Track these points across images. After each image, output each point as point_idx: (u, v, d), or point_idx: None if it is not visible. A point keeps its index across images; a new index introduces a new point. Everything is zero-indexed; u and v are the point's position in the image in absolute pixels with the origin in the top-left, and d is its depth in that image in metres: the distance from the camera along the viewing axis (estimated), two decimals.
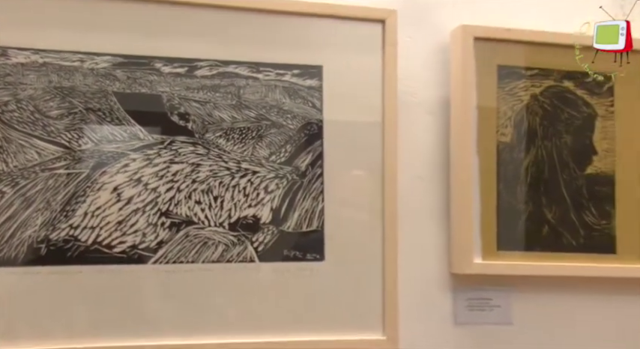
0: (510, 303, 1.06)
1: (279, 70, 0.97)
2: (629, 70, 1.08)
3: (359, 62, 1.00)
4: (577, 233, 1.07)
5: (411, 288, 1.02)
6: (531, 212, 1.06)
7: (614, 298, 1.09)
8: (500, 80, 1.06)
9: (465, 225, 1.02)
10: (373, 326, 0.98)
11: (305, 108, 0.97)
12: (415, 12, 1.06)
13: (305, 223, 0.96)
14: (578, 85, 1.08)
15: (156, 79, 0.91)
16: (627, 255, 1.07)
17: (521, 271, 1.04)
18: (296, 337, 0.94)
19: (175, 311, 0.90)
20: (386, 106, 1.01)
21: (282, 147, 0.96)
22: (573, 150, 1.08)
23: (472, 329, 1.04)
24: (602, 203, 1.08)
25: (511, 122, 1.06)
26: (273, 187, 0.95)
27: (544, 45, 1.07)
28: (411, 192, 1.03)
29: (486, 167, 1.05)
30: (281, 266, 0.95)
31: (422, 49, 1.06)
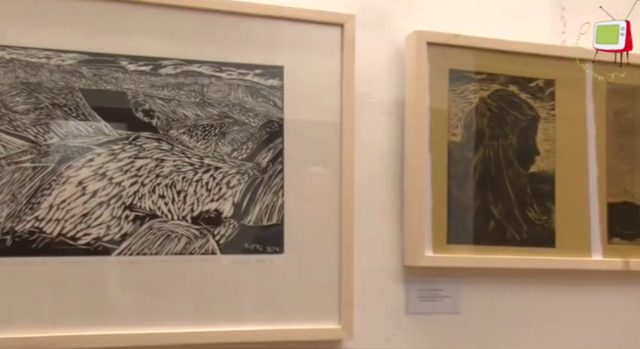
0: (459, 294, 1.11)
1: (242, 69, 0.99)
2: (569, 77, 1.16)
3: (319, 64, 1.04)
4: (520, 228, 1.12)
5: (366, 279, 1.06)
6: (479, 208, 1.10)
7: (554, 288, 1.16)
8: (451, 83, 1.10)
9: (417, 220, 1.06)
10: (329, 316, 1.01)
11: (266, 107, 1.00)
12: (373, 17, 1.10)
13: (265, 217, 0.99)
14: (522, 90, 1.14)
15: (121, 77, 0.93)
16: (566, 248, 1.14)
17: (469, 264, 1.09)
18: (255, 326, 0.97)
19: (138, 302, 0.92)
20: (344, 106, 1.04)
21: (243, 144, 0.99)
22: (518, 150, 1.13)
23: (423, 318, 1.09)
24: (543, 200, 1.14)
25: (461, 123, 1.11)
26: (235, 182, 0.98)
27: (492, 51, 1.12)
28: (367, 188, 1.07)
29: (438, 165, 1.09)
30: (242, 258, 0.98)
31: (378, 53, 1.10)
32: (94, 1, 0.92)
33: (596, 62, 1.14)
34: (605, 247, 1.16)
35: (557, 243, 1.14)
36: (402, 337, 1.07)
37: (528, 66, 1.14)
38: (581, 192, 1.16)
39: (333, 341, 1.02)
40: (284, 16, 1.01)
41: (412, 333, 1.08)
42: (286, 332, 0.98)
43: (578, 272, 1.16)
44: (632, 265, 1.15)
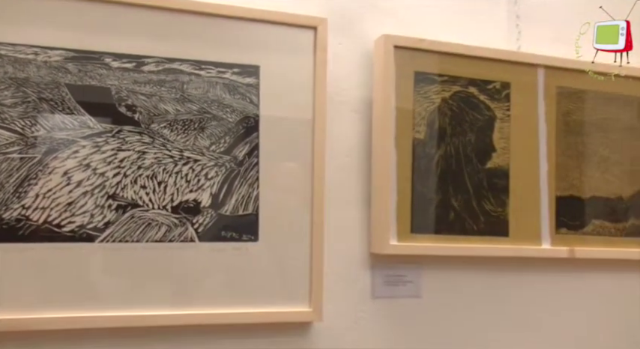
0: (421, 279, 1.15)
1: (220, 68, 1.02)
2: (523, 80, 1.20)
3: (293, 64, 1.07)
4: (477, 218, 1.16)
5: (335, 266, 1.09)
6: (440, 200, 1.14)
7: (507, 274, 1.21)
8: (416, 84, 1.13)
9: (383, 211, 1.10)
10: (300, 299, 1.05)
11: (243, 104, 1.04)
12: (344, 21, 1.13)
13: (241, 207, 1.02)
14: (481, 91, 1.18)
15: (105, 73, 0.95)
16: (518, 237, 1.18)
17: (430, 251, 1.13)
18: (231, 309, 1.00)
19: (120, 286, 0.95)
20: (316, 104, 1.07)
21: (221, 138, 1.02)
22: (476, 147, 1.17)
23: (387, 301, 1.13)
24: (498, 193, 1.17)
25: (425, 121, 1.14)
26: (213, 174, 1.01)
27: (454, 55, 1.16)
28: (337, 180, 1.10)
29: (403, 160, 1.12)
30: (219, 245, 1.01)
31: (349, 54, 1.13)
32: (81, 1, 0.94)
33: (548, 67, 1.22)
34: (553, 237, 1.21)
35: (510, 233, 1.18)
36: (368, 319, 1.11)
37: (486, 70, 1.18)
38: (533, 186, 1.21)
39: (304, 323, 1.06)
40: (261, 19, 1.04)
41: (378, 315, 1.12)
42: (260, 315, 1.01)
43: (529, 260, 1.21)
44: (577, 253, 1.21)
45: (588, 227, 1.23)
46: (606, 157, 1.25)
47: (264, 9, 1.05)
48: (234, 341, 1.01)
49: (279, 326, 1.04)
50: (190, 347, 0.99)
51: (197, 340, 0.99)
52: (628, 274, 1.29)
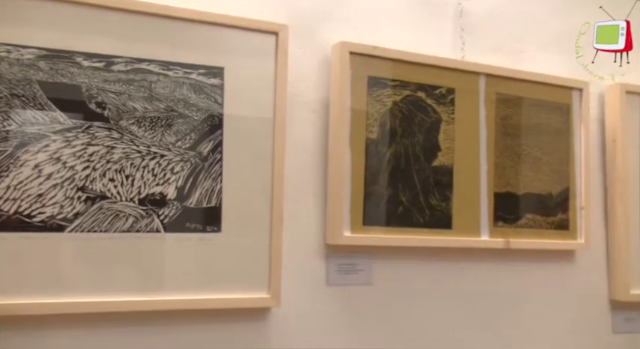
0: (372, 268, 1.19)
1: (187, 69, 1.05)
2: (466, 87, 1.27)
3: (256, 66, 1.10)
4: (424, 212, 1.21)
5: (293, 256, 1.12)
6: (390, 195, 1.18)
7: (450, 263, 1.27)
8: (369, 88, 1.18)
9: (338, 205, 1.14)
10: (260, 287, 1.08)
11: (208, 103, 1.07)
12: (304, 28, 1.17)
13: (205, 200, 1.05)
14: (428, 96, 1.23)
15: (76, 71, 0.97)
16: (460, 229, 1.24)
17: (381, 242, 1.17)
18: (195, 295, 1.03)
19: (90, 273, 0.97)
20: (277, 104, 1.10)
21: (187, 135, 1.05)
22: (423, 146, 1.22)
23: (341, 288, 1.17)
24: (443, 189, 1.23)
25: (377, 122, 1.18)
26: (179, 169, 1.04)
27: (404, 62, 1.21)
28: (295, 176, 1.14)
29: (357, 158, 1.16)
30: (184, 236, 1.03)
31: (309, 59, 1.17)
32: (54, 2, 0.95)
33: (488, 75, 1.30)
34: (491, 229, 1.28)
35: (453, 225, 1.24)
36: (323, 304, 1.16)
37: (434, 76, 1.23)
38: (474, 183, 1.27)
39: (263, 309, 1.09)
40: (226, 24, 1.07)
41: (332, 301, 1.16)
42: (222, 301, 1.05)
43: (469, 250, 1.27)
44: (512, 244, 1.29)
45: (522, 220, 1.31)
46: (538, 158, 1.34)
47: (229, 15, 1.08)
48: (198, 326, 1.05)
49: (240, 311, 1.08)
50: (157, 331, 1.02)
51: (163, 325, 1.02)
52: (556, 263, 1.38)
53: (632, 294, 1.42)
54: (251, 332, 1.10)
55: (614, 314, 1.43)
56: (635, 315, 1.45)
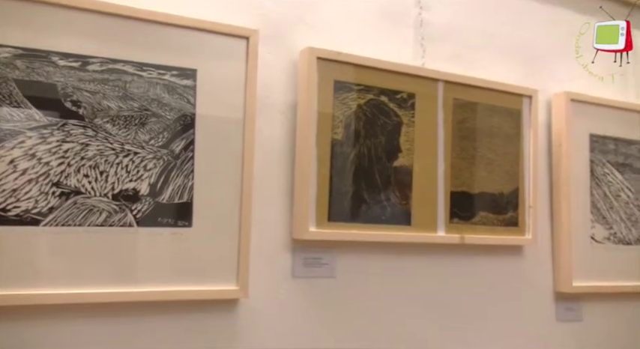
0: (335, 262, 1.23)
1: (161, 70, 1.07)
2: (426, 92, 1.31)
3: (227, 69, 1.12)
4: (385, 209, 1.25)
5: (261, 249, 1.15)
6: (354, 193, 1.22)
7: (409, 257, 1.31)
8: (335, 92, 1.21)
9: (304, 202, 1.17)
10: (229, 279, 1.10)
11: (181, 103, 1.09)
12: (274, 33, 1.20)
13: (177, 196, 1.07)
14: (390, 100, 1.27)
15: (52, 70, 0.98)
16: (418, 226, 1.29)
17: (344, 237, 1.21)
18: (166, 287, 1.05)
19: (64, 266, 0.98)
20: (247, 105, 1.13)
21: (160, 134, 1.07)
22: (385, 148, 1.26)
23: (306, 281, 1.20)
24: (403, 188, 1.27)
25: (342, 124, 1.22)
26: (152, 166, 1.06)
27: (368, 67, 1.24)
28: (264, 174, 1.16)
29: (322, 158, 1.19)
30: (156, 230, 1.05)
31: (278, 63, 1.20)
32: (31, 3, 0.96)
33: (446, 82, 1.35)
34: (447, 225, 1.32)
35: (412, 222, 1.28)
36: (289, 296, 1.19)
37: (396, 81, 1.27)
38: (431, 183, 1.31)
39: (232, 300, 1.12)
40: (199, 28, 1.10)
41: (297, 293, 1.19)
42: (193, 293, 1.07)
43: (427, 245, 1.32)
44: (466, 240, 1.34)
45: (476, 218, 1.37)
46: (492, 160, 1.40)
47: (202, 19, 1.10)
48: (169, 317, 1.07)
49: (210, 302, 1.10)
50: (129, 321, 1.04)
51: (135, 315, 1.04)
52: (506, 257, 1.45)
53: (574, 286, 1.50)
54: (220, 322, 1.12)
55: (558, 304, 1.52)
56: (576, 305, 1.54)
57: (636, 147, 1.65)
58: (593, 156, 1.57)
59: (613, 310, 1.60)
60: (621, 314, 1.62)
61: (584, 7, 1.65)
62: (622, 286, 1.59)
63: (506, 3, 1.53)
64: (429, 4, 1.39)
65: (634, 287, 1.61)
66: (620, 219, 1.60)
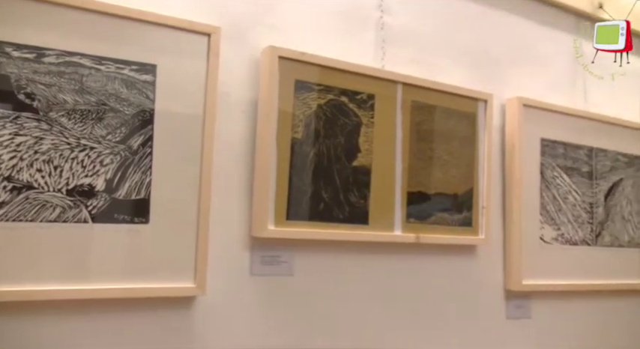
0: (293, 260, 1.24)
1: (119, 64, 1.06)
2: (385, 93, 1.35)
3: (188, 65, 1.12)
4: (343, 208, 1.27)
5: (220, 247, 1.16)
6: (313, 192, 1.23)
7: (366, 256, 1.34)
8: (296, 91, 1.23)
9: (263, 200, 1.18)
10: (186, 276, 1.10)
11: (140, 99, 1.08)
12: (237, 31, 1.21)
13: (134, 192, 1.07)
14: (350, 100, 1.29)
15: (5, 61, 0.96)
16: (376, 225, 1.31)
17: (302, 236, 1.22)
18: (123, 285, 1.04)
19: (15, 262, 0.96)
20: (207, 102, 1.13)
21: (117, 129, 1.06)
22: (344, 147, 1.28)
23: (264, 279, 1.21)
24: (361, 187, 1.30)
25: (302, 123, 1.23)
26: (108, 161, 1.05)
27: (329, 68, 1.26)
28: (223, 171, 1.17)
29: (282, 156, 1.20)
30: (112, 227, 1.04)
31: (240, 61, 1.21)
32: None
33: (405, 84, 1.39)
34: (403, 225, 1.35)
35: (369, 221, 1.30)
36: (246, 293, 1.19)
37: (356, 82, 1.30)
38: (389, 183, 1.34)
39: (189, 297, 1.12)
40: (161, 23, 1.09)
41: (255, 291, 1.20)
42: (149, 290, 1.07)
43: (383, 244, 1.35)
44: (422, 239, 1.38)
45: (431, 218, 1.41)
46: (447, 161, 1.45)
47: (164, 14, 1.10)
48: (124, 314, 1.07)
49: (167, 300, 1.10)
50: (84, 319, 1.03)
51: (90, 313, 1.03)
52: (460, 256, 1.50)
53: (524, 284, 1.57)
54: (177, 319, 1.12)
55: (508, 302, 1.58)
56: (525, 303, 1.61)
57: (583, 152, 1.74)
58: (544, 160, 1.65)
59: (560, 307, 1.68)
60: (568, 311, 1.70)
61: (539, 14, 1.73)
62: (569, 285, 1.67)
63: (465, 9, 1.58)
64: (390, 8, 1.43)
65: (580, 286, 1.69)
66: (567, 221, 1.68)
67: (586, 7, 1.77)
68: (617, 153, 1.81)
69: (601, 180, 1.77)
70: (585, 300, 1.74)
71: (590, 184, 1.74)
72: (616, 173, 1.81)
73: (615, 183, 1.80)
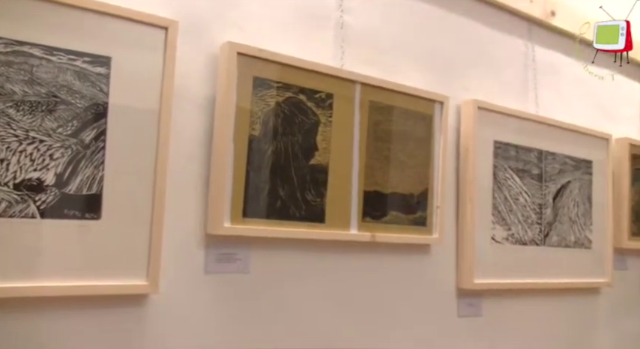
0: (249, 257, 1.25)
1: (72, 55, 1.04)
2: (344, 93, 1.37)
3: (144, 59, 1.11)
4: (300, 207, 1.29)
5: (174, 244, 1.15)
6: (270, 189, 1.25)
7: (322, 254, 1.36)
8: (254, 88, 1.23)
9: (219, 197, 1.18)
10: (139, 274, 1.09)
11: (93, 91, 1.07)
12: (195, 26, 1.21)
13: (86, 187, 1.05)
14: (309, 99, 1.31)
15: None
16: (332, 223, 1.34)
17: (258, 234, 1.23)
18: (73, 282, 1.02)
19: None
20: (163, 97, 1.13)
21: (69, 122, 1.04)
22: (302, 146, 1.30)
23: (219, 276, 1.22)
24: (318, 186, 1.32)
25: (260, 121, 1.24)
26: (59, 155, 1.03)
27: (288, 66, 1.28)
28: (179, 168, 1.17)
29: (239, 153, 1.21)
30: (61, 223, 1.03)
31: (198, 55, 1.21)
32: None
33: (364, 84, 1.42)
34: (359, 224, 1.38)
35: (326, 220, 1.32)
36: (200, 291, 1.19)
37: (315, 81, 1.32)
38: (346, 182, 1.37)
39: (141, 295, 1.11)
40: (116, 14, 1.08)
41: (210, 289, 1.20)
42: (100, 288, 1.05)
43: (339, 243, 1.37)
44: (378, 238, 1.41)
45: (387, 217, 1.44)
46: (404, 161, 1.49)
47: (119, 5, 1.09)
48: (74, 312, 1.05)
49: (118, 298, 1.09)
50: (32, 318, 1.01)
51: (39, 311, 1.01)
52: (414, 255, 1.54)
53: (476, 283, 1.63)
54: (128, 318, 1.11)
55: (460, 300, 1.63)
56: (476, 301, 1.67)
57: (534, 155, 1.81)
58: (496, 162, 1.71)
59: (509, 305, 1.75)
60: (517, 309, 1.78)
61: (495, 20, 1.80)
62: (518, 283, 1.74)
63: (424, 12, 1.63)
64: (350, 8, 1.46)
65: (529, 284, 1.77)
66: (518, 221, 1.75)
67: (539, 14, 1.86)
68: (565, 157, 1.91)
69: (550, 182, 1.85)
70: (534, 298, 1.82)
71: (539, 186, 1.82)
72: (564, 176, 1.90)
73: (563, 186, 1.89)
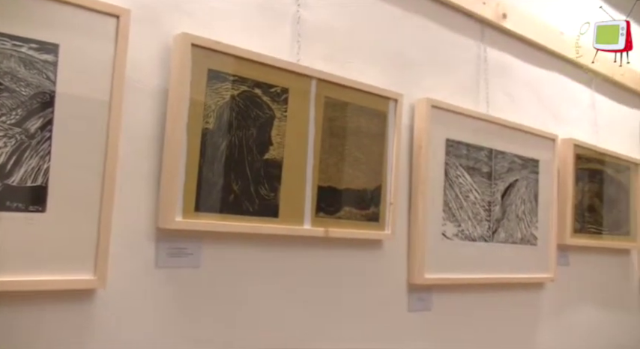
0: (200, 252, 1.25)
1: (16, 41, 1.02)
2: (299, 88, 1.39)
3: (94, 47, 1.10)
4: (254, 201, 1.30)
5: (124, 238, 1.14)
6: (223, 184, 1.25)
7: (276, 249, 1.38)
8: (209, 80, 1.23)
9: (171, 191, 1.18)
10: (86, 268, 1.08)
11: (39, 79, 1.04)
12: (148, 15, 1.20)
13: (30, 179, 1.03)
14: (264, 93, 1.32)
15: None
16: (286, 218, 1.35)
17: (211, 228, 1.23)
18: (17, 277, 1.00)
19: None
20: (114, 87, 1.11)
21: (13, 110, 1.02)
22: (257, 140, 1.30)
23: (170, 271, 1.21)
24: (272, 180, 1.33)
25: (214, 114, 1.24)
26: (1, 145, 1.00)
27: (244, 59, 1.28)
28: (130, 160, 1.16)
29: (192, 146, 1.21)
30: (4, 215, 1.00)
31: (151, 46, 1.20)
32: None
33: (319, 80, 1.44)
34: (313, 219, 1.40)
35: (280, 215, 1.34)
36: (150, 286, 1.19)
37: (271, 75, 1.33)
38: (300, 177, 1.38)
39: (88, 290, 1.10)
40: (66, 0, 1.06)
41: (160, 283, 1.20)
42: (45, 283, 1.03)
43: (293, 238, 1.39)
44: (331, 233, 1.43)
45: (341, 212, 1.47)
46: (358, 157, 1.52)
47: None
48: (18, 308, 1.03)
49: (64, 293, 1.07)
50: None
51: None
52: (367, 251, 1.58)
53: (426, 278, 1.68)
54: (76, 314, 1.10)
55: (410, 295, 1.68)
56: (426, 295, 1.72)
57: (484, 153, 1.89)
58: (448, 159, 1.77)
59: (459, 300, 1.82)
60: (466, 303, 1.85)
61: (449, 20, 1.86)
62: (467, 278, 1.81)
63: (382, 10, 1.66)
64: (307, 3, 1.47)
65: (477, 279, 1.84)
66: (467, 218, 1.82)
67: (491, 16, 1.93)
68: (513, 156, 1.99)
69: (499, 180, 1.93)
70: (482, 293, 1.89)
71: (489, 184, 1.90)
72: (512, 174, 1.98)
73: (511, 184, 1.98)
